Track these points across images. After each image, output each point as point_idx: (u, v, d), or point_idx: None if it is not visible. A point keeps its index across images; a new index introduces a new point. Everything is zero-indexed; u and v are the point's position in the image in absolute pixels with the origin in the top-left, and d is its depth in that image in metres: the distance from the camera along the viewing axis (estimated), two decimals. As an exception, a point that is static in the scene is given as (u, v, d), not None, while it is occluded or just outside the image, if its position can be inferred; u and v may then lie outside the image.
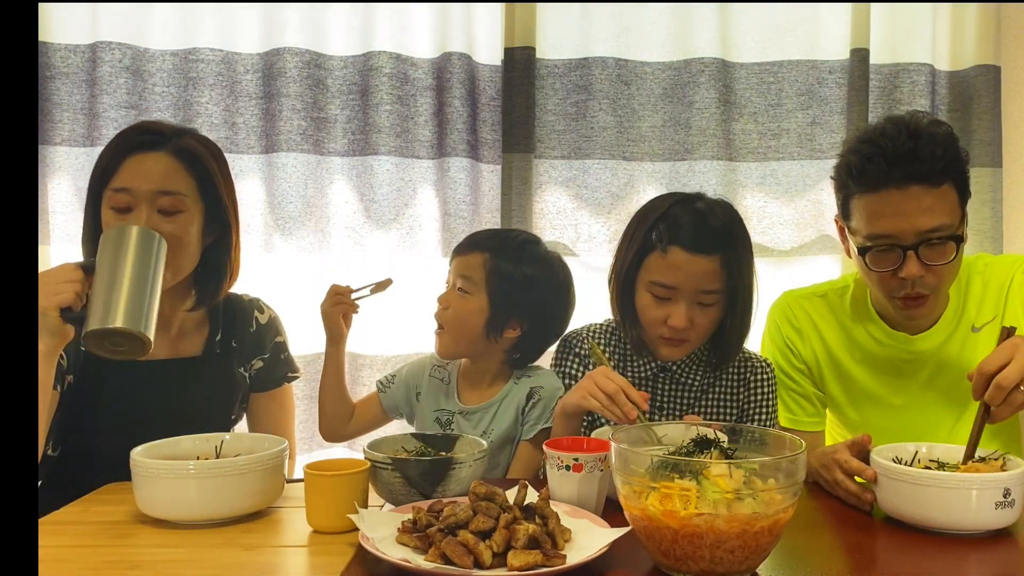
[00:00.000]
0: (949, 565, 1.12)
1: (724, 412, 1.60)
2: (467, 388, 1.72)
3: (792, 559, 1.10)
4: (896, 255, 1.41)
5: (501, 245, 1.66)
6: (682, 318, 1.47)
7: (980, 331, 1.55)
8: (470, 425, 1.68)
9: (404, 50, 2.26)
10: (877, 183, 1.39)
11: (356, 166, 2.28)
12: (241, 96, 2.23)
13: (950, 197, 1.40)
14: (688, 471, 1.00)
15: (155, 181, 1.47)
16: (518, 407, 1.64)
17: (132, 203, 1.46)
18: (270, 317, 1.73)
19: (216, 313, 1.65)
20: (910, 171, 1.37)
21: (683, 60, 2.32)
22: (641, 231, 1.51)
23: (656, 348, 1.55)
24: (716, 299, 1.48)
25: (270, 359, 1.71)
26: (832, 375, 1.64)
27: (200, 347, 1.63)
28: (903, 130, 1.39)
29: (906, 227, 1.39)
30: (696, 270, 1.45)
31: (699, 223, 1.47)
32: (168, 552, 1.11)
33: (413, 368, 1.80)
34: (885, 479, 1.24)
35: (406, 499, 1.23)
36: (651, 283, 1.49)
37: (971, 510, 1.17)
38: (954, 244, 1.41)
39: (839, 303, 1.65)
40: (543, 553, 0.99)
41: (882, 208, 1.40)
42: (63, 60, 2.20)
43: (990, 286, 1.57)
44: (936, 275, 1.43)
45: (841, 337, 1.63)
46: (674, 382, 1.60)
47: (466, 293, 1.64)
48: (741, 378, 1.61)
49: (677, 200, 1.53)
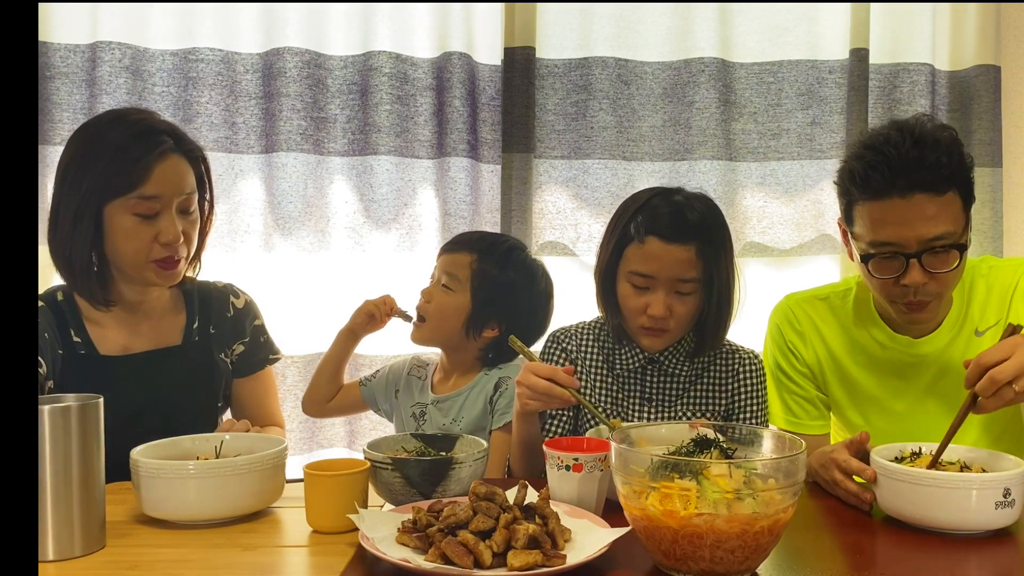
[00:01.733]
0: (950, 565, 1.12)
1: (712, 403, 1.61)
2: (440, 380, 1.81)
3: (792, 559, 1.10)
4: (899, 263, 1.40)
5: (489, 248, 1.74)
6: (660, 307, 1.50)
7: (984, 335, 1.54)
8: (440, 414, 1.75)
9: (404, 50, 2.26)
10: (881, 191, 1.38)
11: (356, 166, 2.28)
12: (241, 96, 2.23)
13: (954, 204, 1.39)
14: (688, 471, 1.00)
15: (178, 184, 1.50)
16: (486, 397, 1.71)
17: (160, 208, 1.48)
18: (246, 301, 1.73)
19: (192, 300, 1.65)
20: (914, 179, 1.35)
21: (683, 60, 2.32)
22: (621, 224, 1.56)
23: (637, 338, 1.57)
24: (693, 288, 1.51)
25: (251, 342, 1.71)
26: (834, 378, 1.64)
27: (179, 336, 1.62)
28: (907, 137, 1.37)
29: (910, 235, 1.38)
30: (672, 259, 1.48)
31: (676, 214, 1.51)
32: (168, 552, 1.11)
33: (394, 367, 1.90)
34: (885, 479, 1.24)
35: (406, 499, 1.23)
36: (630, 273, 1.52)
37: (971, 510, 1.17)
38: (957, 252, 1.40)
39: (841, 306, 1.64)
40: (543, 553, 0.99)
41: (885, 216, 1.39)
42: (63, 60, 2.20)
43: (994, 290, 1.56)
44: (939, 282, 1.42)
45: (843, 340, 1.62)
46: (662, 373, 1.61)
47: (449, 290, 1.72)
48: (730, 370, 1.62)
49: (656, 193, 1.57)
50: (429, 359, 1.89)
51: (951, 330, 1.55)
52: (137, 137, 1.47)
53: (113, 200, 1.46)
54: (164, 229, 1.48)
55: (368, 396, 1.89)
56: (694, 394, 1.62)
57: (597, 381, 1.63)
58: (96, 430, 1.11)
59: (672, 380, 1.61)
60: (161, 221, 1.48)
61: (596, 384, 1.62)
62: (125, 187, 1.45)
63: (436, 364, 1.84)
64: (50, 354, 1.49)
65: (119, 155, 1.45)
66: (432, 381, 1.82)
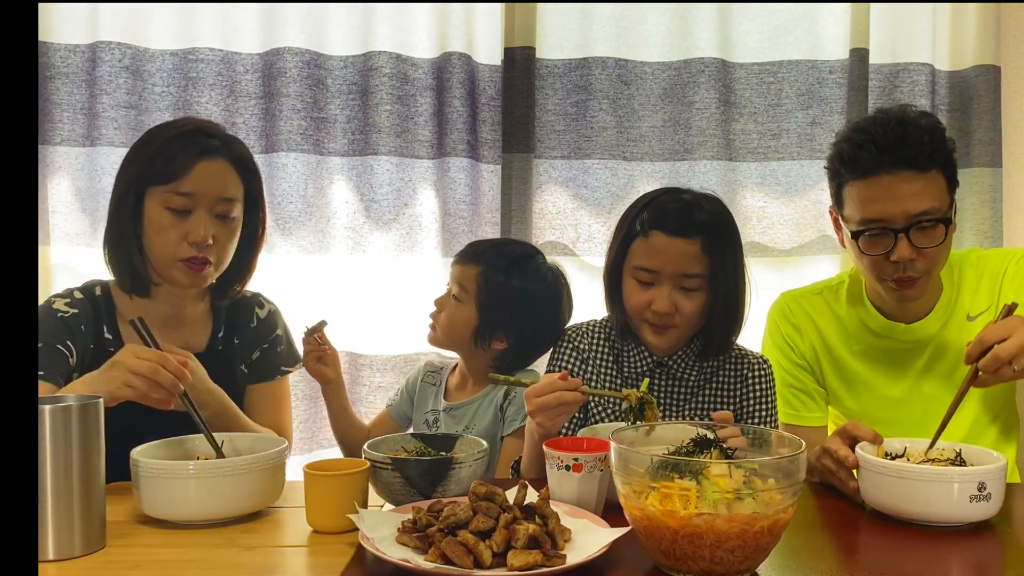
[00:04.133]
0: (950, 565, 1.12)
1: (721, 407, 1.61)
2: (455, 387, 1.82)
3: (792, 559, 1.10)
4: (888, 239, 1.46)
5: (495, 259, 1.74)
6: (665, 302, 1.49)
7: (976, 320, 1.59)
8: (453, 422, 1.76)
9: (404, 50, 2.26)
10: (868, 169, 1.45)
11: (356, 166, 2.28)
12: (241, 96, 2.23)
13: (938, 182, 1.46)
14: (688, 471, 1.00)
15: (218, 187, 1.51)
16: (496, 405, 1.72)
17: (193, 207, 1.49)
18: (270, 311, 1.74)
19: (219, 310, 1.66)
20: (900, 156, 1.43)
21: (683, 60, 2.32)
22: (628, 221, 1.56)
23: (642, 335, 1.57)
24: (699, 284, 1.50)
25: (268, 350, 1.71)
26: (831, 368, 1.67)
27: (204, 343, 1.64)
28: (892, 119, 1.46)
29: (897, 211, 1.44)
30: (676, 253, 1.48)
31: (682, 209, 1.51)
32: (168, 552, 1.11)
33: (409, 379, 1.92)
34: (866, 471, 1.27)
35: (406, 499, 1.23)
36: (635, 268, 1.52)
37: (946, 503, 1.19)
38: (943, 227, 1.46)
39: (835, 298, 1.69)
40: (543, 553, 0.99)
41: (874, 193, 1.46)
42: (63, 60, 2.20)
43: (984, 277, 1.61)
44: (926, 258, 1.48)
45: (838, 330, 1.67)
46: (670, 376, 1.60)
47: (459, 301, 1.73)
48: (739, 374, 1.62)
49: (665, 191, 1.58)
50: (443, 363, 1.90)
51: (942, 315, 1.60)
52: (186, 134, 1.52)
53: (152, 188, 1.49)
54: (193, 228, 1.49)
55: (397, 415, 1.90)
56: (702, 398, 1.61)
57: (606, 379, 1.62)
58: (96, 430, 1.11)
59: (680, 384, 1.61)
60: (192, 220, 1.49)
61: (606, 383, 1.62)
62: (163, 178, 1.48)
63: (451, 367, 1.85)
64: (81, 346, 1.51)
65: (165, 147, 1.50)
66: (447, 386, 1.82)
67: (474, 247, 1.80)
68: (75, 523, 1.09)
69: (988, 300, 1.60)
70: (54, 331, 1.50)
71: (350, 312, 2.27)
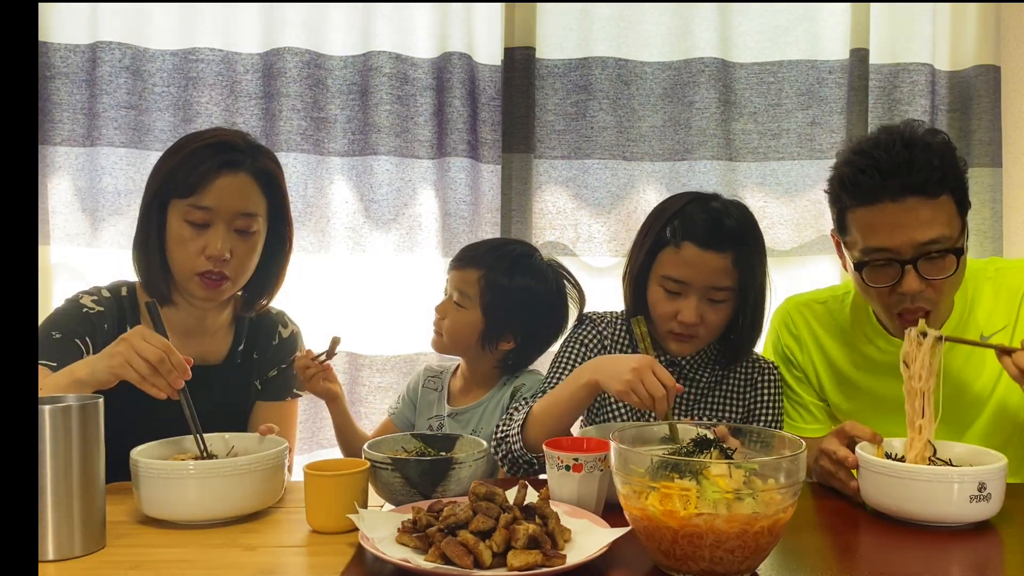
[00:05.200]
0: (950, 565, 1.12)
1: (730, 411, 1.61)
2: (458, 391, 1.79)
3: (792, 559, 1.10)
4: (894, 270, 1.37)
5: (495, 261, 1.71)
6: (692, 313, 1.49)
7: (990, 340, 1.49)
8: (459, 426, 1.74)
9: (404, 50, 2.26)
10: (872, 196, 1.34)
11: (356, 166, 2.28)
12: (241, 96, 2.23)
13: (948, 208, 1.35)
14: (688, 471, 1.00)
15: (238, 202, 1.50)
16: (503, 408, 1.70)
17: (211, 220, 1.48)
18: (292, 332, 1.73)
19: (242, 323, 1.66)
20: (906, 182, 1.32)
21: (683, 60, 2.32)
22: (656, 227, 1.54)
23: (665, 343, 1.56)
24: (727, 296, 1.50)
25: (286, 369, 1.70)
26: (832, 383, 1.62)
27: (223, 355, 1.63)
28: (897, 140, 1.34)
29: (903, 240, 1.34)
30: (708, 266, 1.47)
31: (713, 221, 1.49)
32: (168, 552, 1.11)
33: (409, 386, 1.89)
34: (866, 472, 1.27)
35: (406, 499, 1.23)
36: (663, 278, 1.51)
37: (946, 503, 1.19)
38: (954, 257, 1.36)
39: (839, 309, 1.62)
40: (543, 553, 0.99)
41: (878, 221, 1.35)
42: (63, 60, 2.20)
43: (1001, 293, 1.51)
44: (936, 289, 1.38)
45: (842, 345, 1.60)
46: (682, 379, 1.60)
47: (461, 307, 1.71)
48: (748, 379, 1.62)
49: (693, 198, 1.55)
50: (443, 367, 1.88)
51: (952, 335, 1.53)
52: (210, 147, 1.50)
53: (174, 200, 1.48)
54: (211, 242, 1.48)
55: (401, 422, 1.87)
56: (712, 400, 1.61)
57: None
58: (96, 430, 1.11)
59: (692, 386, 1.61)
60: (211, 234, 1.48)
61: None
62: (184, 191, 1.47)
63: (453, 371, 1.83)
64: (100, 343, 1.49)
65: (188, 159, 1.49)
66: (450, 390, 1.80)
67: (470, 251, 1.78)
68: (75, 523, 1.09)
69: (1006, 318, 1.49)
70: (75, 325, 1.50)
71: (350, 312, 2.27)
